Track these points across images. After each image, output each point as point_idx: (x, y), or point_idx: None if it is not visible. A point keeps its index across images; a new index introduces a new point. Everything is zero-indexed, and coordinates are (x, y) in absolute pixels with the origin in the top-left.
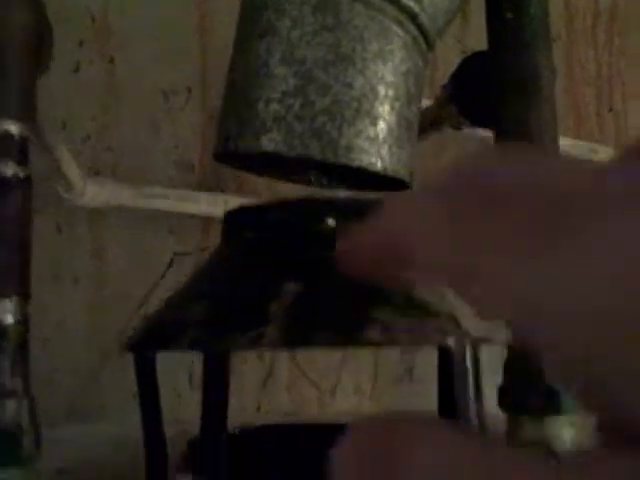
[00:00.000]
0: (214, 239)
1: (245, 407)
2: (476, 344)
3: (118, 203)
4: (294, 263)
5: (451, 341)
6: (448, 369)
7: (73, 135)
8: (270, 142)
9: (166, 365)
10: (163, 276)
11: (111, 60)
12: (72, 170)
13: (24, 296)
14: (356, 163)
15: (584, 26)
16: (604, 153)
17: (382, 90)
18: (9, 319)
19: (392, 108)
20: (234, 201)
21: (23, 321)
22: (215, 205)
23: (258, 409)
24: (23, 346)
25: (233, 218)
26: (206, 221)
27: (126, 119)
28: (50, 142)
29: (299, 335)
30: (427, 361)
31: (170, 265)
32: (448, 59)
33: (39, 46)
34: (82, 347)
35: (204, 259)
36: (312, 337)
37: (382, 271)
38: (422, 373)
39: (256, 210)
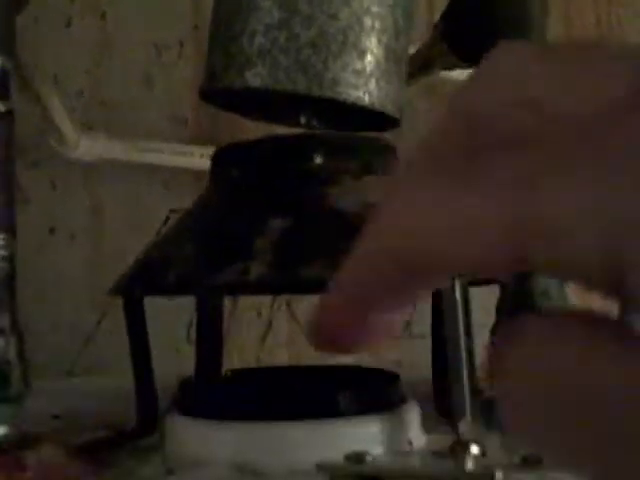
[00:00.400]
0: None
1: (245, 363)
2: (465, 279)
3: (112, 157)
4: (281, 200)
5: None
6: (440, 312)
7: (66, 90)
8: (255, 77)
9: (164, 320)
10: (159, 233)
11: (103, 15)
12: (65, 123)
13: (10, 232)
14: (343, 97)
15: None
16: None
17: (368, 22)
18: None
19: (379, 41)
20: None
21: (9, 257)
22: (209, 158)
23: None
24: (10, 282)
25: (221, 156)
26: (200, 175)
27: (119, 74)
28: (42, 92)
29: (285, 271)
30: (426, 315)
31: (166, 222)
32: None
33: None
34: (80, 304)
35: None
36: (297, 273)
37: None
38: (421, 329)
39: (243, 148)
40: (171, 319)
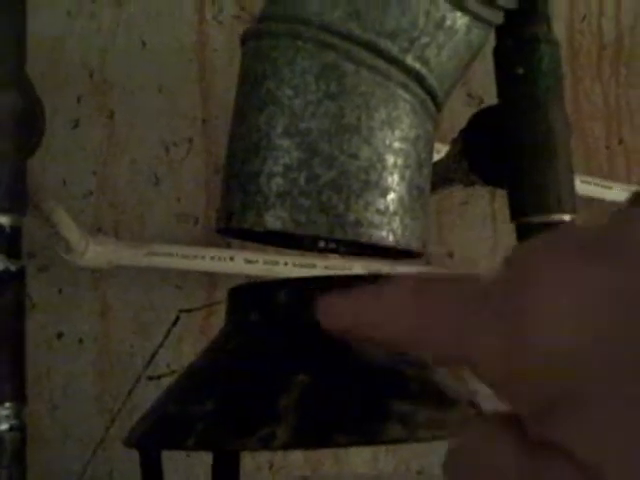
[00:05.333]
0: (221, 294)
1: None
2: None
3: (121, 263)
4: (304, 350)
5: None
6: None
7: (74, 192)
8: (275, 219)
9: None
10: (168, 334)
11: (110, 115)
12: (72, 232)
13: (20, 400)
14: (365, 239)
15: (589, 61)
16: (617, 189)
17: (390, 159)
18: (3, 426)
19: (402, 177)
20: (240, 256)
21: (19, 427)
22: (221, 260)
23: None
24: (20, 454)
25: (238, 297)
26: (212, 276)
27: (127, 173)
28: (47, 208)
29: (313, 435)
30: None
31: (175, 323)
32: (453, 106)
33: (30, 129)
34: (89, 411)
35: (208, 337)
36: (327, 437)
37: (360, 334)
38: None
39: (261, 290)
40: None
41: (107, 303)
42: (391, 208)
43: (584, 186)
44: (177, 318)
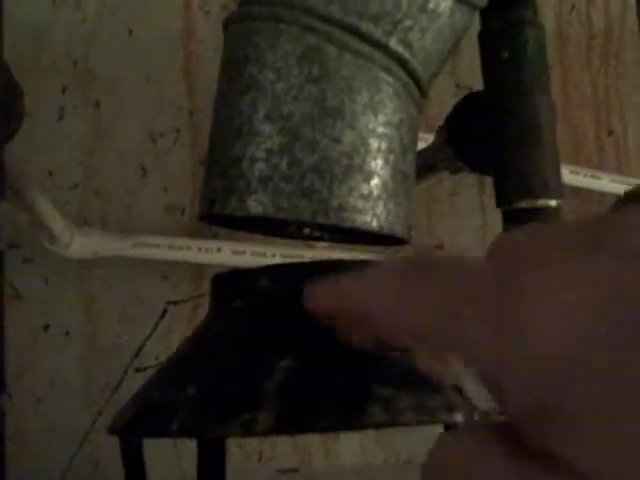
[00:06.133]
0: (208, 286)
1: None
2: (485, 417)
3: (107, 254)
4: (286, 335)
5: (459, 417)
6: None
7: (60, 183)
8: (257, 204)
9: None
10: (156, 326)
11: (96, 105)
12: (56, 223)
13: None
14: (348, 224)
15: (578, 51)
16: (606, 179)
17: (374, 143)
18: None
19: (386, 162)
20: (227, 247)
21: None
22: (208, 252)
23: None
24: None
25: (221, 284)
26: (199, 267)
27: (113, 164)
28: (30, 197)
29: (295, 420)
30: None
31: (163, 315)
32: (442, 96)
33: (7, 113)
34: (75, 404)
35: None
36: (309, 422)
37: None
38: None
39: (245, 276)
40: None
41: (93, 295)
42: (375, 193)
43: (573, 176)
44: (165, 310)
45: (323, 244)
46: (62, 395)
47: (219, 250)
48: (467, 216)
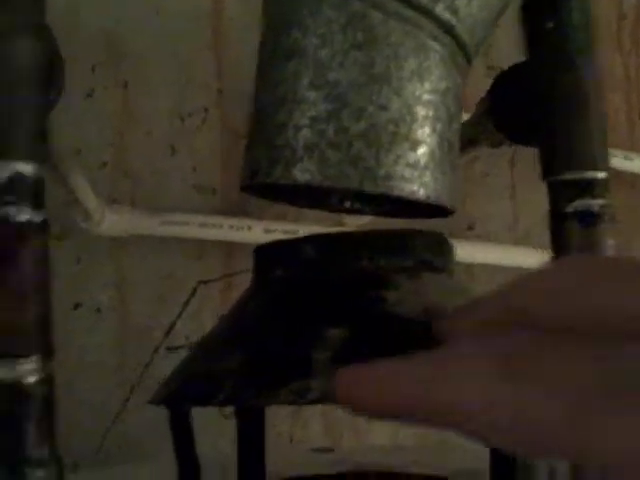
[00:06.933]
0: (239, 264)
1: None
2: None
3: (138, 232)
4: (335, 304)
5: None
6: None
7: (89, 162)
8: (303, 172)
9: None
10: (187, 305)
11: (124, 84)
12: (89, 199)
13: (47, 353)
14: (396, 192)
15: (609, 32)
16: (638, 160)
17: (421, 111)
18: (30, 379)
19: (433, 130)
20: (258, 225)
21: (47, 379)
22: (239, 230)
23: None
24: (48, 407)
25: (264, 254)
26: (230, 246)
27: (142, 143)
28: (64, 171)
29: None
30: None
31: (194, 293)
32: (474, 78)
33: (50, 80)
34: (107, 382)
35: (231, 294)
36: None
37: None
38: None
39: (289, 246)
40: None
41: (124, 273)
42: (422, 162)
43: None
44: (195, 289)
45: (354, 222)
46: (94, 373)
47: (250, 228)
48: (498, 197)
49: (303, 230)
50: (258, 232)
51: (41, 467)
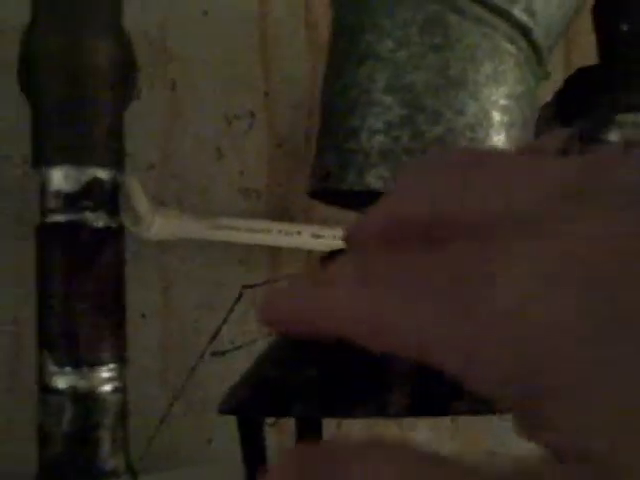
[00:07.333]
0: (285, 269)
1: None
2: None
3: (185, 236)
4: None
5: None
6: None
7: (136, 164)
8: (377, 179)
9: None
10: (232, 310)
11: (172, 86)
12: (142, 203)
13: (121, 361)
14: None
15: None
16: None
17: (496, 116)
18: (106, 387)
19: (508, 136)
20: (306, 230)
21: (122, 388)
22: (287, 235)
23: None
24: (123, 416)
25: (333, 261)
26: (276, 251)
27: (189, 146)
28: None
29: (430, 403)
30: None
31: (239, 298)
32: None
33: (126, 80)
34: (153, 387)
35: None
36: (445, 405)
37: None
38: None
39: None
40: None
41: (170, 277)
42: None
43: None
44: (240, 294)
45: None
46: (138, 378)
47: (299, 233)
48: None
49: None
50: (306, 237)
51: (115, 477)
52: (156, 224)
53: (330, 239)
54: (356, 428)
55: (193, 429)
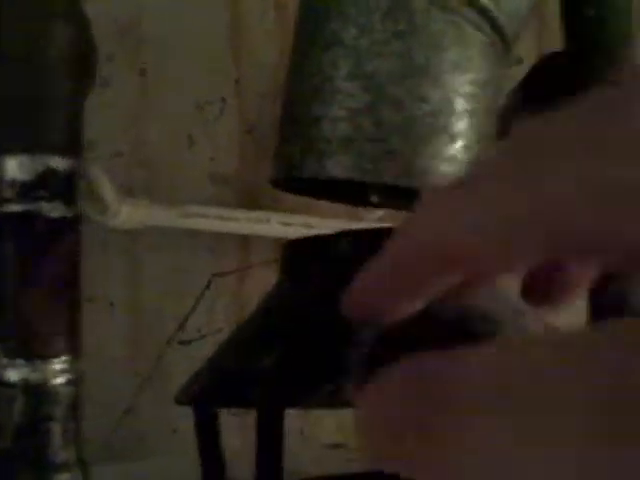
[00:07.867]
0: (254, 257)
1: None
2: None
3: (154, 224)
4: None
5: None
6: None
7: (104, 151)
8: (339, 166)
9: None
10: (200, 298)
11: (142, 72)
12: (107, 191)
13: (75, 353)
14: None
15: None
16: None
17: (460, 103)
18: (59, 380)
19: (471, 123)
20: (275, 218)
21: (75, 380)
22: (257, 223)
23: None
24: (75, 408)
25: (297, 250)
26: (245, 239)
27: (159, 133)
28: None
29: None
30: None
31: (208, 287)
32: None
33: (85, 68)
34: (119, 376)
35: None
36: None
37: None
38: None
39: (323, 242)
40: None
41: (138, 266)
42: (459, 156)
43: None
44: (209, 282)
45: (374, 216)
46: (106, 366)
47: (267, 221)
48: None
49: (320, 223)
50: (275, 225)
51: (66, 472)
52: (123, 213)
53: (299, 227)
54: (320, 410)
55: (159, 419)
